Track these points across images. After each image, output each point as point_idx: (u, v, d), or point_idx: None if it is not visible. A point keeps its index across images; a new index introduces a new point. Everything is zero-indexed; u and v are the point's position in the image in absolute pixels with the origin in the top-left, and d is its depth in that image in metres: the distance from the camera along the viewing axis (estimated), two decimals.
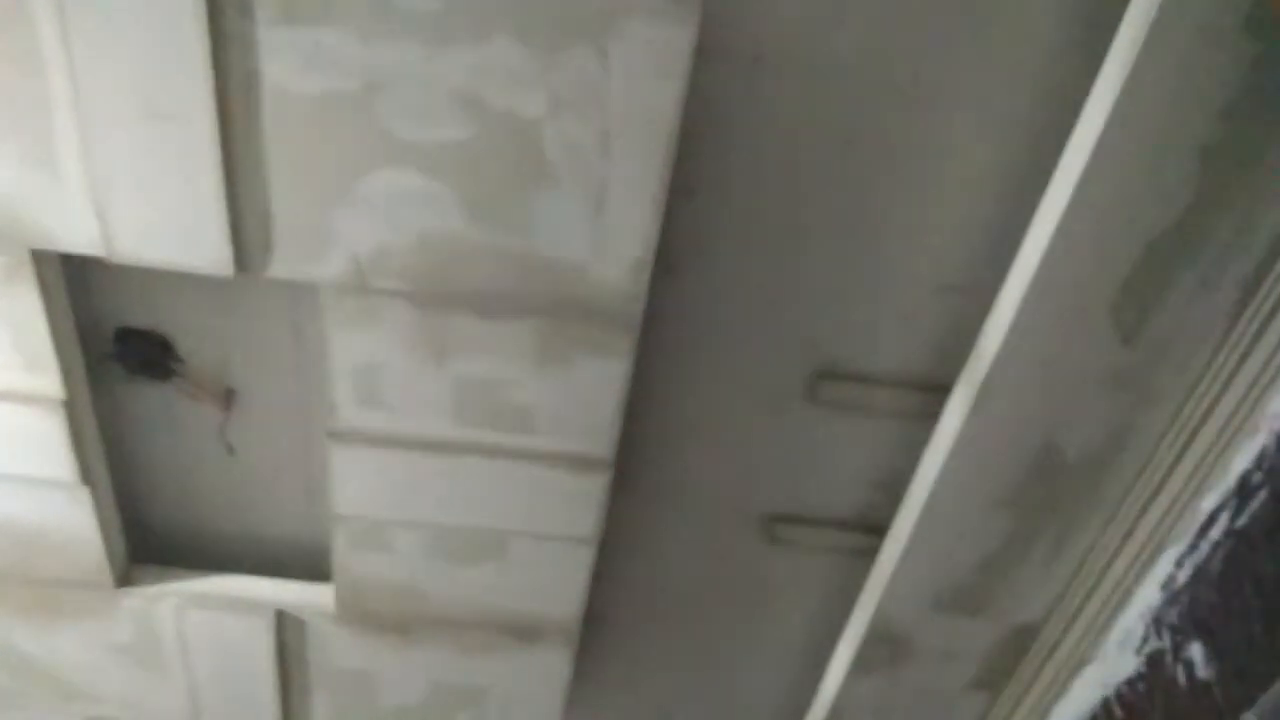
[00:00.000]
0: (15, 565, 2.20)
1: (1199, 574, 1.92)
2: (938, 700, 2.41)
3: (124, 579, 2.26)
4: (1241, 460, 1.84)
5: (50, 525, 2.12)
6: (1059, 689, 2.30)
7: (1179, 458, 1.98)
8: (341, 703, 2.48)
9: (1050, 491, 2.02)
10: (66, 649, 2.36)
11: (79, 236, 1.74)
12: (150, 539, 2.31)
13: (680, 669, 2.62)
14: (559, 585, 2.23)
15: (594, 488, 2.07)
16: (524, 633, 2.32)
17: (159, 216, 1.72)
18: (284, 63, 1.57)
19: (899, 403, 2.11)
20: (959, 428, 1.92)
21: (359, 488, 2.04)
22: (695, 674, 2.65)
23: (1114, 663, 2.14)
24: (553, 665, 2.39)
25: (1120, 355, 1.86)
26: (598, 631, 2.51)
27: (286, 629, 2.33)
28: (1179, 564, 1.97)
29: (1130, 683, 2.07)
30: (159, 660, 2.38)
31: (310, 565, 2.33)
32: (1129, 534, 2.07)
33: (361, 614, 2.28)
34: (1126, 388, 1.90)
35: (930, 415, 2.03)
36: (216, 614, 2.30)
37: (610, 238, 1.73)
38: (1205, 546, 1.93)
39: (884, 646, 2.29)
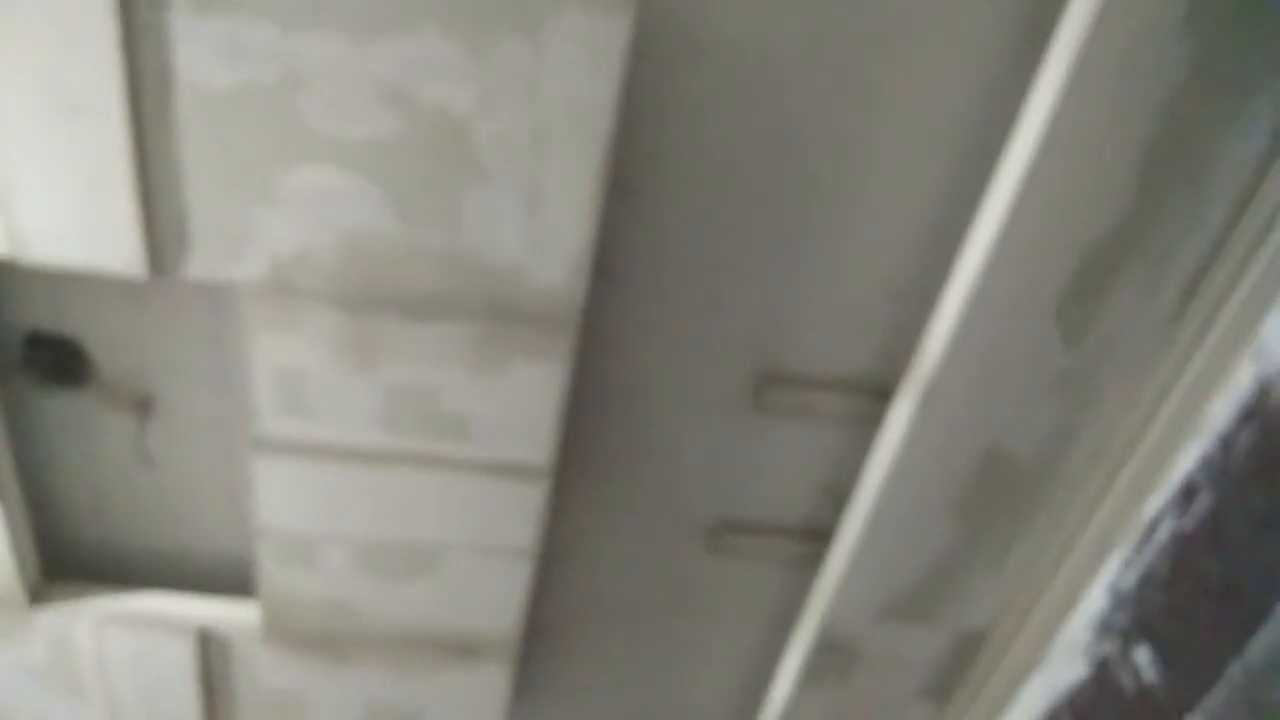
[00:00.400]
0: None
1: (1145, 578, 1.91)
2: (887, 709, 2.37)
3: (38, 596, 2.15)
4: (1185, 461, 1.83)
5: None
6: (1007, 696, 2.27)
7: (1124, 460, 1.96)
8: None
9: (997, 495, 1.99)
10: None
11: None
12: (66, 554, 2.20)
13: (625, 681, 2.55)
14: (497, 600, 2.16)
15: (532, 497, 2.00)
16: (461, 650, 2.24)
17: (68, 215, 1.62)
18: (199, 54, 1.49)
19: (845, 407, 2.07)
20: (904, 432, 1.89)
21: (284, 500, 1.96)
22: (641, 686, 2.59)
23: (1062, 668, 2.12)
24: (492, 683, 2.31)
25: (1064, 358, 1.84)
26: (539, 644, 2.44)
27: (210, 648, 2.23)
28: (1125, 567, 1.95)
29: (1079, 688, 2.05)
30: (76, 682, 2.26)
31: (236, 581, 2.24)
32: (1075, 537, 2.05)
33: (289, 632, 2.19)
34: (1071, 390, 1.88)
35: (877, 420, 1.99)
36: (136, 633, 2.19)
37: (546, 238, 1.67)
38: (1151, 550, 1.91)
39: (832, 656, 2.25)
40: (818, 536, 2.24)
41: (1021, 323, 1.77)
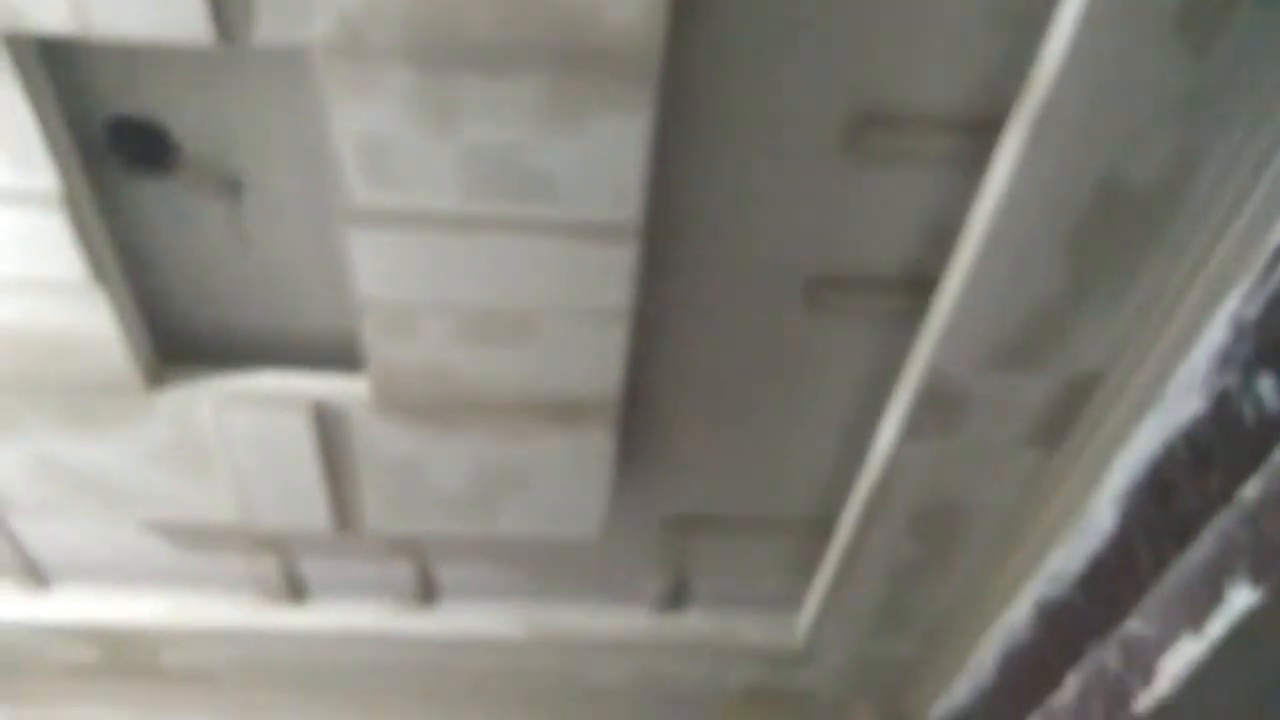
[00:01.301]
0: (44, 373, 2.17)
1: (1271, 306, 1.81)
2: (995, 458, 2.35)
3: (155, 380, 2.23)
4: None
5: (71, 328, 2.07)
6: (1120, 437, 2.23)
7: (1252, 185, 1.83)
8: (390, 491, 2.48)
9: (1112, 229, 1.89)
10: (108, 456, 2.36)
11: (49, 14, 1.61)
12: (177, 339, 2.26)
13: (729, 442, 2.57)
14: (595, 364, 2.16)
15: (623, 259, 1.97)
16: (563, 415, 2.27)
17: None
18: None
19: (948, 146, 1.95)
20: (1013, 166, 1.78)
21: (379, 271, 1.96)
22: (742, 449, 2.61)
23: (1178, 406, 2.05)
24: (596, 447, 2.35)
25: (1189, 74, 1.69)
26: (642, 409, 2.46)
27: (326, 421, 2.30)
28: (1249, 297, 1.85)
29: (1197, 422, 1.99)
30: (203, 460, 2.38)
31: (345, 356, 2.28)
32: (1196, 270, 1.95)
33: (398, 402, 2.24)
34: (1195, 110, 1.74)
35: (982, 157, 1.88)
36: (254, 410, 2.27)
37: None
38: (1277, 278, 1.81)
39: (937, 407, 2.22)
40: (920, 287, 2.17)
41: (1143, 35, 1.62)
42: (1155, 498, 2.16)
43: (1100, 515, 2.32)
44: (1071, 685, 1.38)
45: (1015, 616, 2.71)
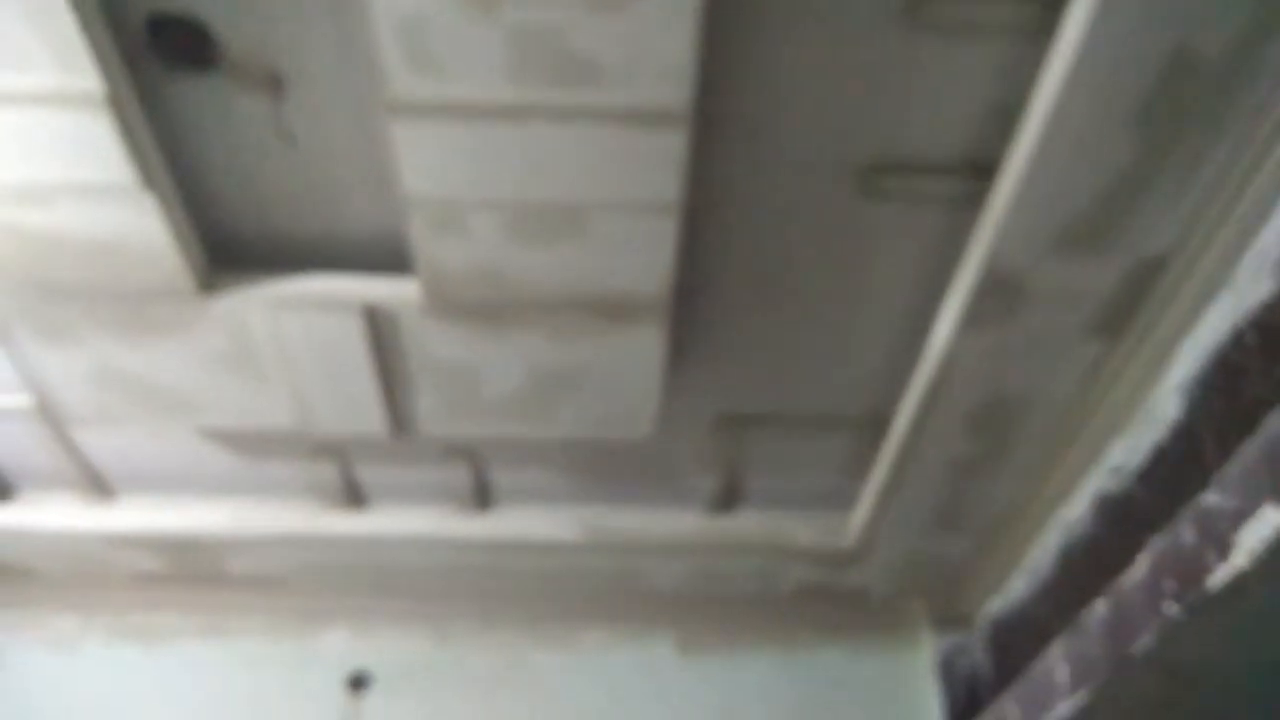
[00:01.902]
0: (98, 280, 2.19)
1: None
2: (1056, 348, 2.30)
3: (207, 286, 2.24)
4: None
5: (122, 234, 2.08)
6: (1186, 324, 2.16)
7: None
8: (444, 395, 2.49)
9: (1183, 102, 1.80)
10: (164, 363, 2.39)
11: None
12: (228, 245, 2.26)
13: (781, 338, 2.54)
14: (645, 260, 2.13)
15: (673, 146, 1.92)
16: (614, 312, 2.25)
17: None
18: None
19: (1014, 13, 1.86)
20: (1082, 35, 1.69)
21: (424, 165, 1.93)
22: (798, 341, 2.57)
23: (1247, 289, 1.99)
24: (647, 344, 2.33)
25: None
26: (693, 306, 2.42)
27: (378, 324, 2.30)
28: None
29: (1265, 308, 1.92)
30: (257, 365, 2.39)
31: (395, 259, 2.26)
32: (1270, 146, 1.86)
33: (449, 303, 2.23)
34: None
35: (1049, 27, 1.79)
36: (306, 314, 2.27)
37: None
38: None
39: (997, 295, 2.16)
40: (979, 170, 2.10)
41: None
42: (1222, 386, 2.10)
43: (1164, 405, 2.27)
44: (1142, 564, 1.35)
45: (1074, 512, 2.68)
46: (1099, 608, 1.41)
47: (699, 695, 3.24)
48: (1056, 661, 1.50)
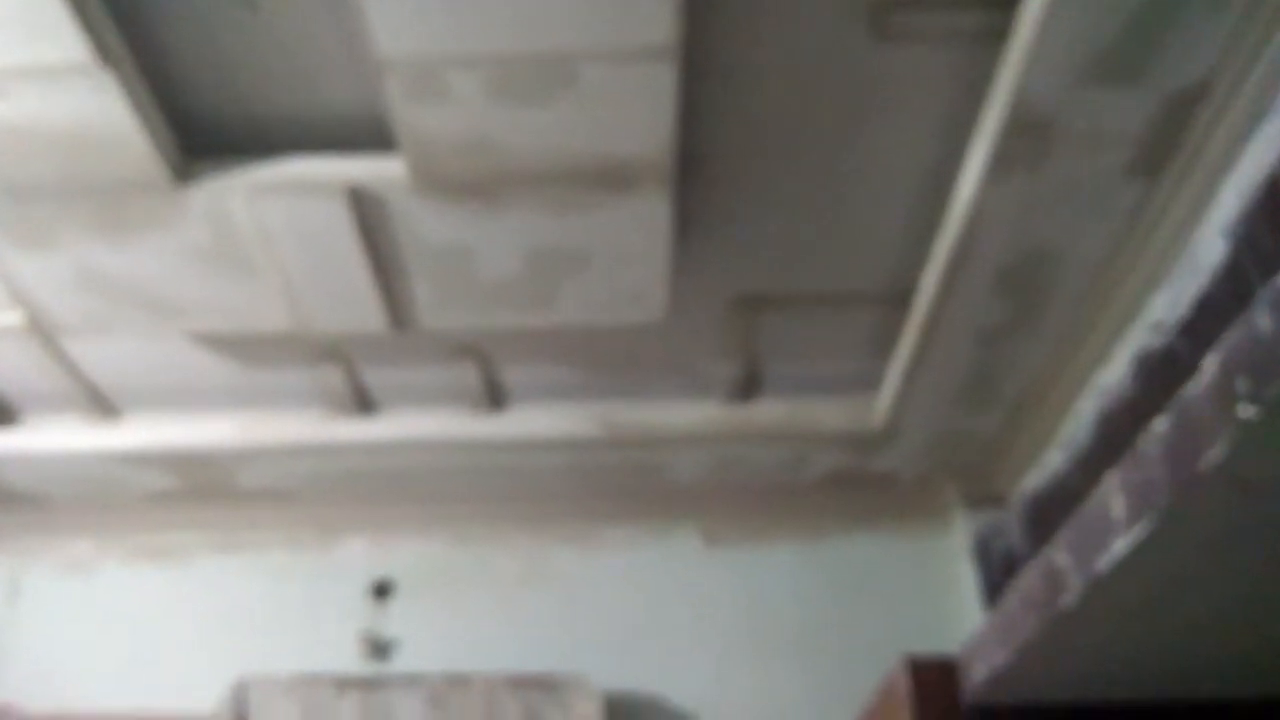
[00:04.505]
0: (68, 175, 2.07)
1: None
2: (1090, 192, 2.14)
3: (182, 175, 2.12)
4: None
5: (86, 120, 1.95)
6: (1229, 159, 2.00)
7: None
8: (441, 282, 2.37)
9: None
10: (147, 263, 2.28)
11: None
12: (202, 131, 2.14)
13: (796, 207, 2.39)
14: (643, 115, 1.98)
15: None
16: (614, 179, 2.11)
17: None
18: None
19: None
20: None
21: (397, 20, 1.78)
22: (810, 214, 2.43)
23: None
24: (651, 213, 2.19)
25: None
26: (699, 176, 2.28)
27: (365, 206, 2.18)
28: None
29: None
30: (244, 260, 2.28)
31: (376, 137, 2.13)
32: None
33: (437, 179, 2.10)
34: None
35: None
36: (287, 199, 2.15)
37: None
38: None
39: (1024, 137, 2.00)
40: (1000, 1, 1.93)
41: None
42: (1272, 221, 1.95)
43: (1208, 249, 2.11)
44: (1211, 365, 1.21)
45: (1112, 375, 2.54)
46: (1158, 426, 1.28)
47: (727, 586, 3.17)
48: (1111, 494, 1.37)
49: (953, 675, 1.75)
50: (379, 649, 3.11)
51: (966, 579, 3.11)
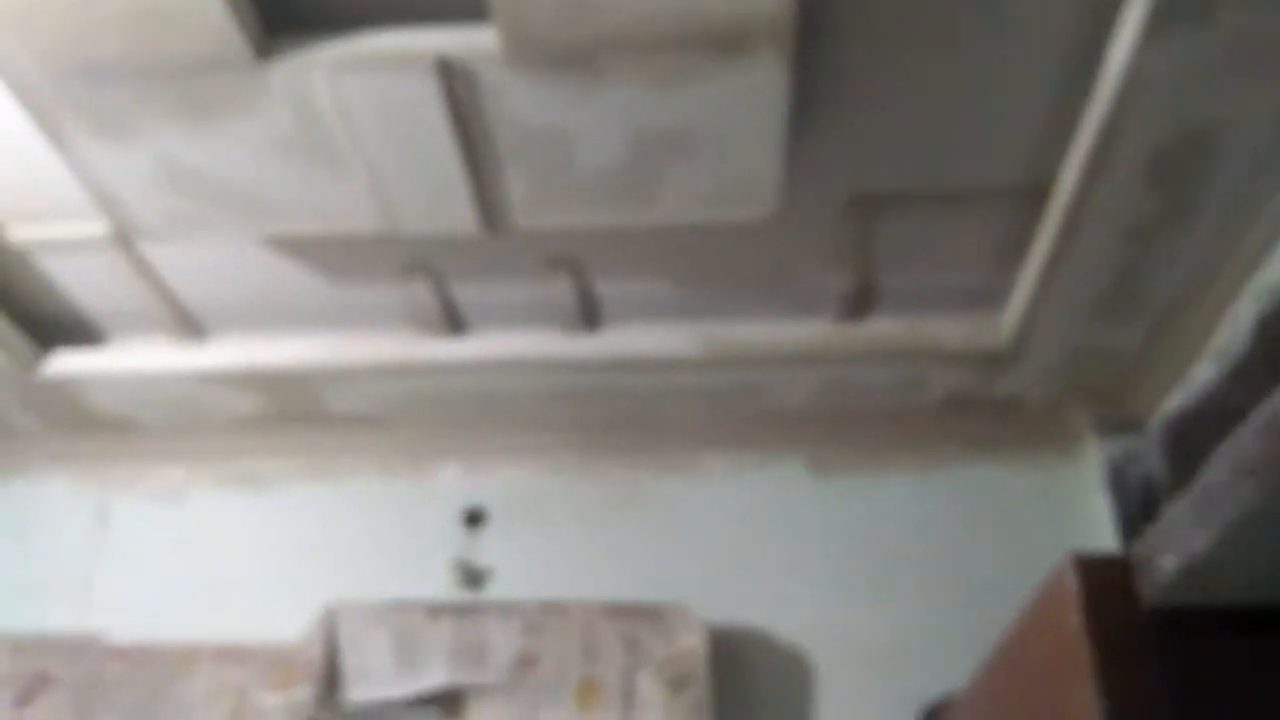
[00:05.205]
0: (146, 54, 1.95)
1: None
2: (1259, 56, 1.89)
3: (263, 51, 1.98)
4: None
5: None
6: None
7: None
8: (536, 175, 2.21)
9: None
10: (229, 153, 2.15)
11: None
12: (280, 3, 2.00)
13: (920, 81, 2.17)
14: None
15: None
16: (726, 41, 1.91)
17: None
18: None
19: None
20: None
21: None
22: (941, 84, 2.18)
23: None
24: (767, 84, 1.99)
25: None
26: (816, 52, 2.08)
27: (455, 82, 2.02)
28: None
29: None
30: (329, 149, 2.14)
31: (465, 4, 1.97)
32: None
33: (531, 48, 1.93)
34: None
35: None
36: (375, 76, 2.00)
37: None
38: None
39: None
40: None
41: None
42: None
43: None
44: None
45: (1276, 273, 2.28)
46: None
47: (836, 518, 2.97)
48: None
49: (1129, 575, 1.53)
50: (472, 578, 2.98)
51: (1099, 510, 2.86)
